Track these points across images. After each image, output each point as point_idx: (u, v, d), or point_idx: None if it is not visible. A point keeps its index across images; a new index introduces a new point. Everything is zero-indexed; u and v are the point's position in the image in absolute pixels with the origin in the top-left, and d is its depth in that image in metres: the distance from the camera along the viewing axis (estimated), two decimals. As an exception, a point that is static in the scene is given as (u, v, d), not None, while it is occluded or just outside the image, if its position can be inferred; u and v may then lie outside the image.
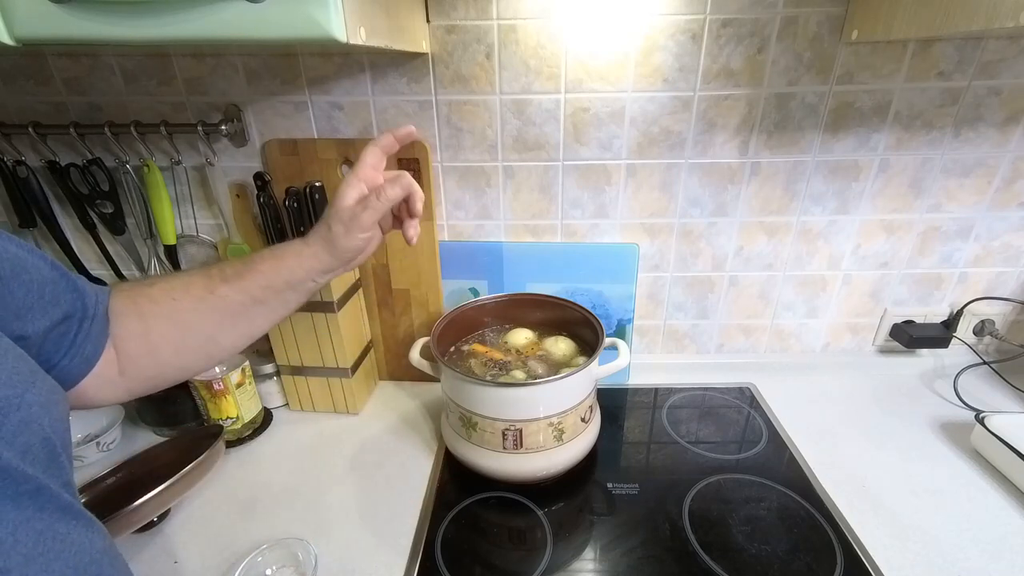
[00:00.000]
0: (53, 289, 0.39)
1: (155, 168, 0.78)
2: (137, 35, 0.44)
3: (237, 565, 0.57)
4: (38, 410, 0.31)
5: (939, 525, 0.63)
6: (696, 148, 0.78)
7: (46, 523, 0.29)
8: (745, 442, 0.78)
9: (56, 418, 0.33)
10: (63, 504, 0.30)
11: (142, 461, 0.70)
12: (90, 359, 0.43)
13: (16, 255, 0.36)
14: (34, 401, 0.31)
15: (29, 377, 0.32)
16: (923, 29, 0.55)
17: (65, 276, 0.41)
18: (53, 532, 0.29)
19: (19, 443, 0.29)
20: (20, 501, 0.28)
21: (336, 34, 0.43)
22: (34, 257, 0.39)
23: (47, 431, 0.31)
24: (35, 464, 0.29)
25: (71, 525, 0.30)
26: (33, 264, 0.38)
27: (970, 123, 0.75)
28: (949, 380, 0.87)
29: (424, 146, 0.76)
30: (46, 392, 0.33)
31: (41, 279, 0.38)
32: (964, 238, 0.84)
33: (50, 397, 0.34)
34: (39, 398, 0.32)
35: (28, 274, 0.37)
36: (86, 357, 0.42)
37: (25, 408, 0.30)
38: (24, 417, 0.30)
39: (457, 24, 0.71)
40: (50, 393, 0.34)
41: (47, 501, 0.29)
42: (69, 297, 0.41)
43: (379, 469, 0.74)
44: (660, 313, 0.91)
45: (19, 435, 0.29)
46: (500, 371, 0.72)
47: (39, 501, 0.29)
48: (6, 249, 0.36)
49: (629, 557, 0.60)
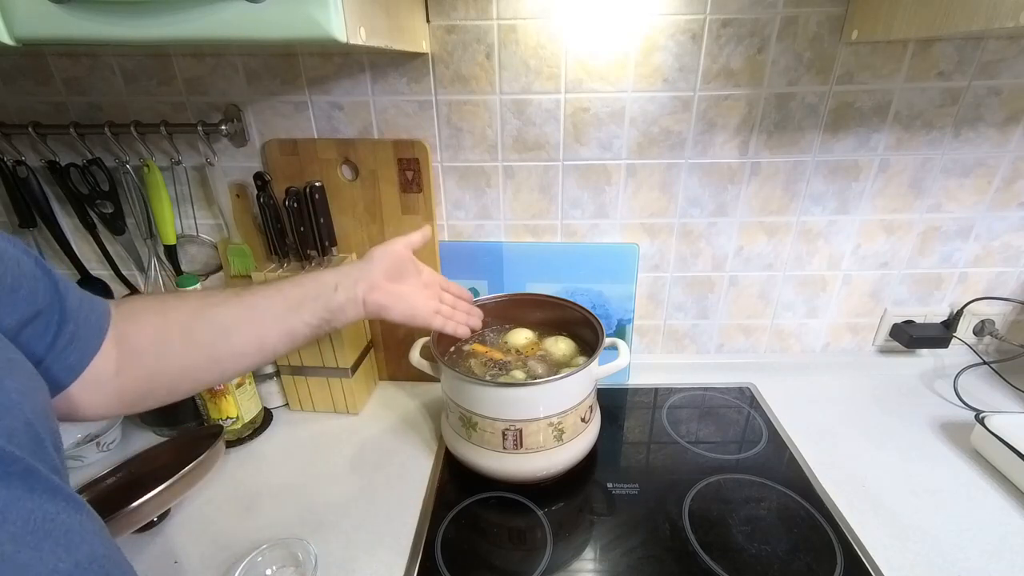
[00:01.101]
0: (32, 285, 0.38)
1: (155, 168, 0.78)
2: (137, 35, 0.44)
3: (237, 565, 0.56)
4: (17, 396, 0.30)
5: (939, 525, 0.63)
6: (696, 148, 0.78)
7: (36, 503, 0.28)
8: (745, 442, 0.78)
9: (37, 406, 0.32)
10: (52, 486, 0.30)
11: (142, 461, 0.70)
12: (74, 368, 0.42)
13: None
14: (12, 388, 0.30)
15: (6, 365, 0.32)
16: (923, 29, 0.55)
17: (48, 275, 0.40)
18: (43, 512, 0.28)
19: (2, 426, 0.28)
20: (9, 481, 0.27)
21: (336, 34, 0.43)
22: (16, 251, 0.38)
23: (28, 416, 0.30)
24: (21, 447, 0.29)
25: (60, 506, 0.30)
26: (12, 256, 0.37)
27: (970, 123, 0.75)
28: (949, 380, 0.87)
29: (424, 146, 0.76)
30: (24, 379, 0.33)
31: (18, 272, 0.37)
32: (964, 238, 0.84)
33: (29, 384, 0.33)
34: (17, 384, 0.31)
35: (3, 264, 0.36)
36: (69, 365, 0.42)
37: (4, 393, 0.29)
38: (3, 402, 0.29)
39: (457, 24, 0.71)
40: (29, 380, 0.33)
41: (36, 482, 0.29)
42: (47, 297, 0.40)
43: (379, 469, 0.74)
44: (660, 313, 0.91)
45: (1, 418, 0.28)
46: (500, 371, 0.72)
47: (29, 482, 0.28)
48: None
49: (629, 557, 0.60)
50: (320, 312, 0.55)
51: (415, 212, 0.80)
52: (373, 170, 0.78)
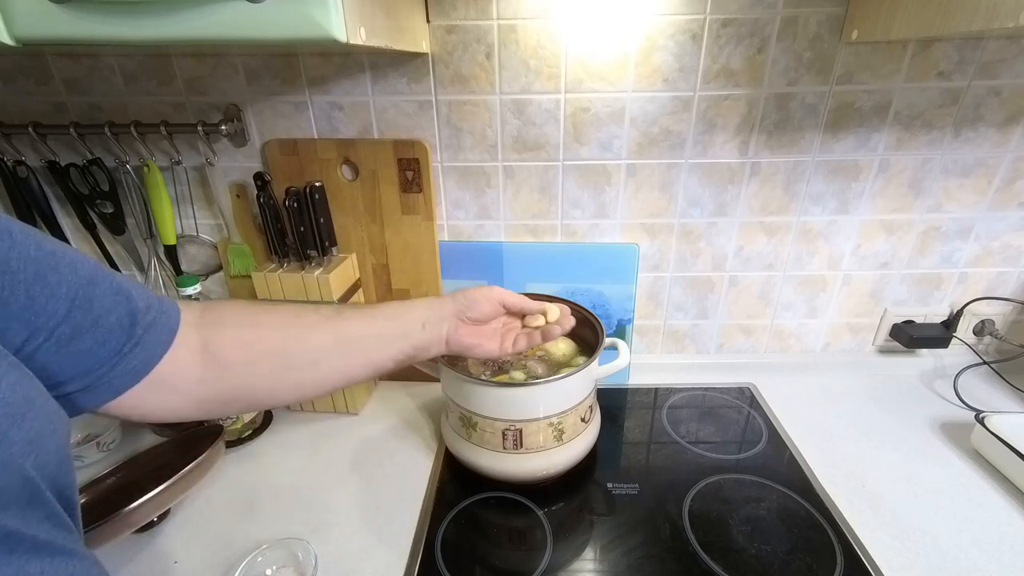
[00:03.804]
0: (107, 323, 0.38)
1: (155, 168, 0.78)
2: (137, 35, 0.44)
3: (237, 565, 0.57)
4: (21, 447, 0.29)
5: (939, 525, 0.63)
6: (696, 148, 0.78)
7: (16, 566, 0.28)
8: (745, 442, 0.78)
9: (47, 452, 0.31)
10: (37, 544, 0.29)
11: (142, 461, 0.70)
12: (137, 372, 0.41)
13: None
14: (18, 438, 0.29)
15: (22, 407, 0.30)
16: (923, 29, 0.55)
17: (128, 301, 0.40)
18: (24, 573, 0.28)
19: None
20: None
21: (336, 34, 0.43)
22: (113, 300, 0.38)
23: (29, 472, 0.29)
24: (8, 509, 0.28)
25: (45, 563, 0.29)
26: (105, 308, 0.38)
27: (970, 123, 0.75)
28: (949, 380, 0.87)
29: (424, 146, 0.76)
30: (40, 422, 0.31)
31: (99, 321, 0.37)
32: (964, 238, 0.84)
33: (43, 428, 0.31)
34: (26, 434, 0.29)
35: (92, 314, 0.36)
36: (132, 369, 0.41)
37: (6, 447, 0.28)
38: (3, 457, 0.28)
39: (457, 24, 0.71)
40: (45, 423, 0.31)
41: (17, 544, 0.28)
42: (120, 323, 0.39)
43: (379, 469, 0.74)
44: (660, 313, 0.91)
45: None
46: (500, 371, 0.72)
47: (8, 545, 0.28)
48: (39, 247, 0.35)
49: (629, 557, 0.60)
50: (407, 350, 0.55)
51: (415, 212, 0.80)
52: (373, 170, 0.78)
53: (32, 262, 0.34)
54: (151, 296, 0.43)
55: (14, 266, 0.33)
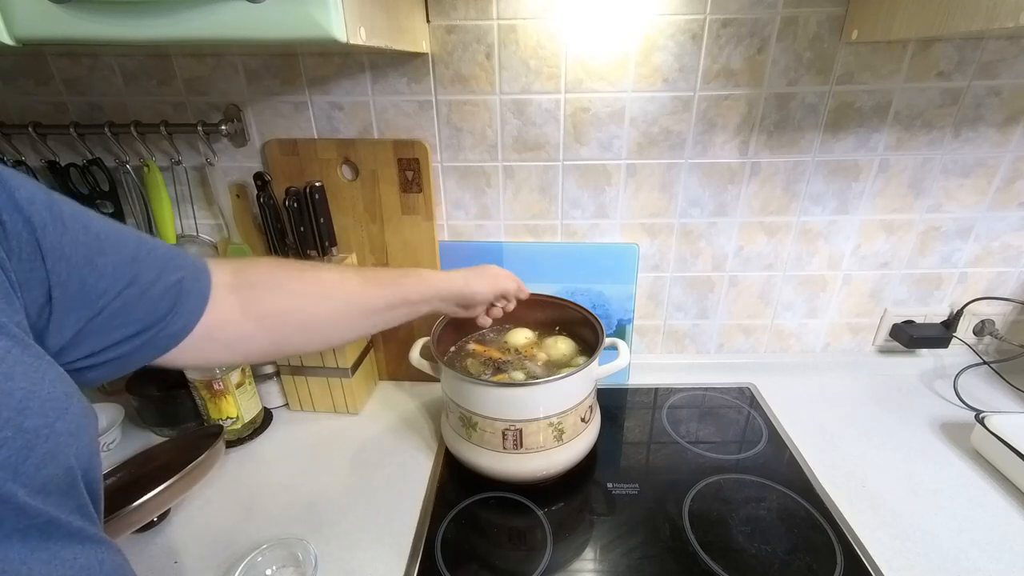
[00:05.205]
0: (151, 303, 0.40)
1: (155, 168, 0.78)
2: (137, 35, 0.44)
3: (237, 565, 0.57)
4: (67, 439, 0.30)
5: (939, 525, 0.63)
6: (696, 148, 0.78)
7: (52, 552, 0.29)
8: (745, 442, 0.78)
9: (84, 445, 0.32)
10: (71, 531, 0.31)
11: (142, 461, 0.70)
12: (178, 335, 0.43)
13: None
14: (64, 430, 0.30)
15: (64, 401, 0.31)
16: (923, 29, 0.55)
17: (171, 281, 0.42)
18: (60, 560, 0.29)
19: (40, 477, 0.28)
20: (28, 534, 0.28)
21: (336, 34, 0.43)
22: (163, 282, 0.40)
23: (71, 461, 0.31)
24: (50, 496, 0.29)
25: (77, 550, 0.31)
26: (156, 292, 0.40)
27: (970, 123, 0.75)
28: (949, 380, 0.87)
29: (424, 146, 0.76)
30: (79, 416, 0.32)
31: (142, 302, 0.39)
32: (964, 238, 0.84)
33: (81, 422, 0.32)
34: (68, 426, 0.31)
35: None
36: (173, 333, 0.42)
37: (54, 438, 0.29)
38: (51, 448, 0.29)
39: (457, 24, 0.71)
40: (82, 417, 0.33)
41: (55, 530, 0.29)
42: (162, 302, 0.41)
43: (379, 469, 0.74)
44: (660, 313, 0.91)
45: (42, 468, 0.28)
46: (500, 371, 0.72)
47: (47, 531, 0.29)
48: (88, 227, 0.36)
49: (629, 557, 0.60)
50: (409, 315, 0.62)
51: (415, 212, 0.80)
52: (373, 170, 0.78)
53: (82, 246, 0.35)
54: (186, 262, 0.44)
55: (67, 252, 0.34)
